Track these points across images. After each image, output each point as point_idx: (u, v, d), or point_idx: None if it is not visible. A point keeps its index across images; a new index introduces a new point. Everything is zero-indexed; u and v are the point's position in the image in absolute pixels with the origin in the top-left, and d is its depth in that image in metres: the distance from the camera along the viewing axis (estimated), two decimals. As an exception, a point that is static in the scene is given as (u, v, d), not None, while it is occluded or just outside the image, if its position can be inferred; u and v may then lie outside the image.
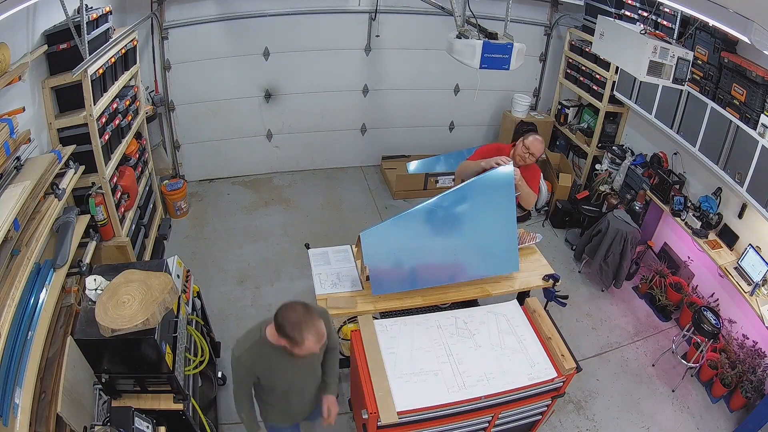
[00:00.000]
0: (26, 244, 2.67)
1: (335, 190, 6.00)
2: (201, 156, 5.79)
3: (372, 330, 2.94)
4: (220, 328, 3.96)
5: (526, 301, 3.20)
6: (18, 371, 2.25)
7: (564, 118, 6.07)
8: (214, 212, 5.49)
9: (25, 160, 2.88)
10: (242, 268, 4.73)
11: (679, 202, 4.40)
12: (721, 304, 4.16)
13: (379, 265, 3.13)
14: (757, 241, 3.84)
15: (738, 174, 3.74)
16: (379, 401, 2.53)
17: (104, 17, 3.60)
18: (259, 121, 5.80)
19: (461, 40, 3.19)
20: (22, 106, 2.94)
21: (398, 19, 5.50)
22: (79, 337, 2.37)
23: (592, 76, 5.44)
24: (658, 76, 3.45)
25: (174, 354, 2.60)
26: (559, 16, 5.93)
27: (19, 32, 2.95)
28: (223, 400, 3.50)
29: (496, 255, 3.33)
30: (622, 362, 4.06)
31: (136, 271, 2.55)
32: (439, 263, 3.24)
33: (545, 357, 2.83)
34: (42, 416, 2.33)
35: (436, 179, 5.83)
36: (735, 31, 2.58)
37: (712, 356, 3.85)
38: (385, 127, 6.28)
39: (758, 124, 3.50)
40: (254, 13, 5.11)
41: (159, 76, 5.13)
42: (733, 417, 3.69)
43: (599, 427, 3.54)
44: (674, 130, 4.40)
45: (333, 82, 5.75)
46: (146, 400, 2.59)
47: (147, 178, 4.71)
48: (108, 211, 3.64)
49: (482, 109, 6.36)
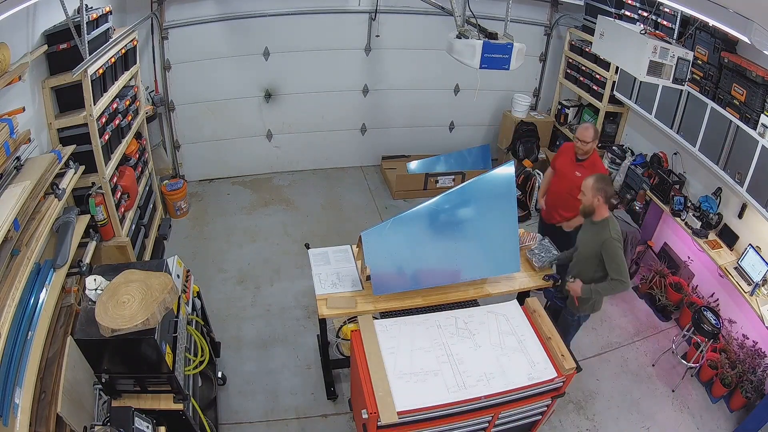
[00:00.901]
0: (26, 244, 2.67)
1: (335, 190, 6.00)
2: (201, 156, 5.80)
3: (372, 330, 2.94)
4: (220, 328, 3.97)
5: (526, 301, 3.20)
6: (18, 371, 2.25)
7: (564, 118, 6.07)
8: (214, 212, 5.49)
9: (25, 160, 2.88)
10: (242, 268, 4.73)
11: (679, 202, 4.39)
12: (721, 304, 4.16)
13: (380, 265, 3.13)
14: (757, 241, 3.83)
15: (738, 174, 3.74)
16: (379, 401, 2.53)
17: (104, 17, 3.61)
18: (259, 121, 5.80)
19: (461, 40, 3.20)
20: (22, 106, 2.94)
21: (398, 19, 5.51)
22: (79, 337, 2.36)
23: (592, 76, 5.44)
24: (658, 76, 3.46)
25: (174, 354, 2.60)
26: (559, 16, 5.94)
27: (19, 32, 2.95)
28: (223, 400, 3.51)
29: (497, 255, 3.33)
30: (622, 362, 4.06)
31: (136, 271, 2.55)
32: (440, 263, 3.24)
33: (545, 357, 2.83)
34: (42, 416, 2.33)
35: (436, 179, 5.83)
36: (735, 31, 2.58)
37: (712, 356, 3.84)
38: (385, 127, 6.28)
39: (758, 124, 3.50)
40: (254, 13, 5.12)
41: (159, 76, 5.13)
42: (733, 417, 3.69)
43: (599, 427, 3.54)
44: (674, 130, 4.40)
45: (333, 82, 5.75)
46: (146, 400, 2.59)
47: (147, 178, 4.71)
48: (108, 211, 3.64)
49: (482, 109, 6.36)
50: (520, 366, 2.78)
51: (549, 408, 2.95)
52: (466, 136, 6.51)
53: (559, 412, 3.55)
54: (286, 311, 4.28)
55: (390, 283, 3.18)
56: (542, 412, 2.96)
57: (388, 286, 3.18)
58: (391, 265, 3.16)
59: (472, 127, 6.52)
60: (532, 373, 2.75)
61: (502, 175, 3.24)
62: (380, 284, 3.15)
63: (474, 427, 2.77)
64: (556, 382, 2.79)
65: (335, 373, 3.71)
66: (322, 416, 3.48)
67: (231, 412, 3.45)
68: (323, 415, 3.48)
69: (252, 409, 3.49)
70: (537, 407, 2.89)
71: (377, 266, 3.13)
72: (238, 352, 3.88)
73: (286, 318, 4.22)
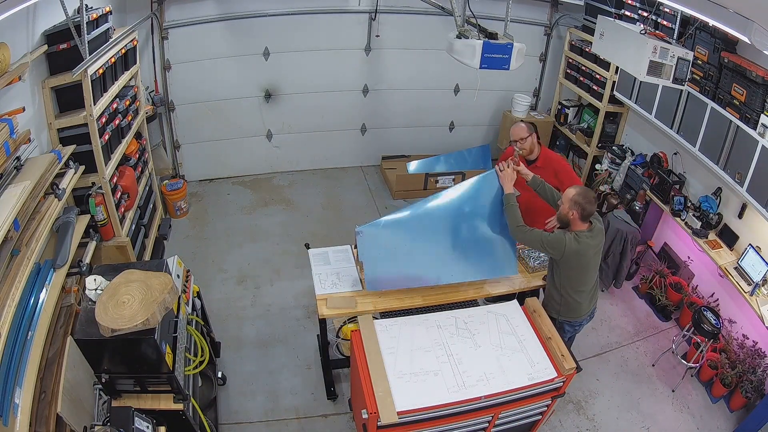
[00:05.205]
0: (26, 244, 2.67)
1: (335, 190, 6.00)
2: (201, 156, 5.80)
3: (372, 330, 2.94)
4: (220, 328, 3.97)
5: (526, 301, 3.20)
6: (18, 371, 2.25)
7: (564, 118, 6.07)
8: (214, 212, 5.49)
9: (25, 160, 2.88)
10: (242, 268, 4.73)
11: (679, 202, 4.39)
12: (721, 304, 4.16)
13: (374, 261, 3.13)
14: (757, 241, 3.83)
15: (738, 174, 3.74)
16: (379, 401, 2.53)
17: (104, 17, 3.61)
18: (259, 121, 5.80)
19: (461, 40, 3.20)
20: (22, 106, 2.94)
21: (398, 19, 5.51)
22: (79, 337, 2.37)
23: (592, 76, 5.43)
24: (658, 76, 3.45)
25: (174, 354, 2.60)
26: (559, 16, 5.94)
27: (19, 32, 2.95)
28: (223, 400, 3.51)
29: (493, 257, 3.32)
30: (622, 362, 4.06)
31: (136, 271, 2.55)
32: (435, 262, 3.24)
33: (545, 357, 2.83)
34: (42, 416, 2.33)
35: (436, 179, 5.83)
36: (735, 31, 2.58)
37: (712, 356, 3.84)
38: (385, 127, 6.28)
39: (758, 124, 3.50)
40: (254, 13, 5.12)
41: (159, 76, 5.13)
42: (733, 417, 3.69)
43: (599, 427, 3.54)
44: (674, 130, 4.39)
45: (333, 82, 5.75)
46: (146, 400, 2.59)
47: (147, 178, 4.71)
48: (108, 211, 3.64)
49: (482, 109, 6.36)
50: (520, 366, 2.78)
51: (549, 408, 2.95)
52: (466, 136, 6.51)
53: (559, 412, 3.55)
54: (286, 311, 4.28)
55: (383, 279, 3.18)
56: (542, 412, 2.95)
57: (381, 282, 3.18)
58: (384, 262, 3.16)
59: (472, 127, 6.52)
60: (532, 373, 2.75)
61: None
62: (373, 280, 3.15)
63: (474, 427, 2.77)
64: (556, 382, 2.79)
65: (335, 373, 3.71)
66: (322, 416, 3.48)
67: (231, 412, 3.45)
68: (323, 415, 3.48)
69: (252, 409, 3.49)
70: (537, 407, 2.89)
71: (371, 262, 3.13)
72: (238, 352, 3.88)
73: (286, 318, 4.22)
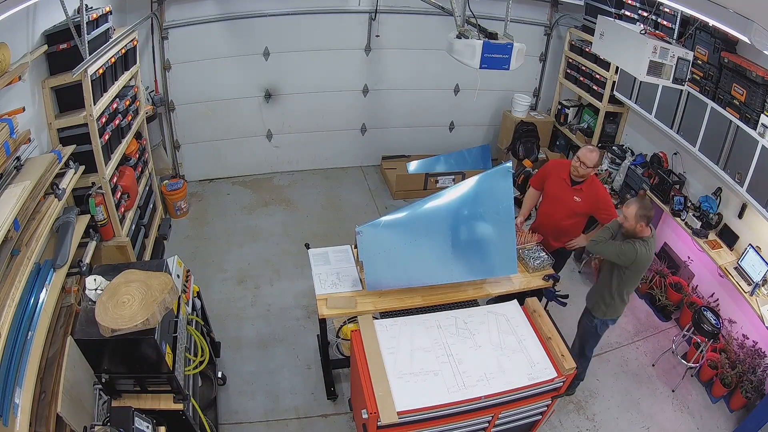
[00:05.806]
0: (26, 244, 2.67)
1: (335, 190, 6.00)
2: (201, 156, 5.79)
3: (372, 330, 2.94)
4: (220, 328, 3.96)
5: (526, 301, 3.20)
6: (18, 371, 2.25)
7: (564, 118, 6.07)
8: (214, 212, 5.49)
9: (25, 160, 2.88)
10: (242, 268, 4.73)
11: (679, 202, 4.39)
12: (721, 304, 4.16)
13: (374, 260, 3.13)
14: (757, 241, 3.83)
15: (738, 174, 3.74)
16: (379, 401, 2.53)
17: (104, 17, 3.61)
18: (259, 121, 5.80)
19: (461, 40, 3.19)
20: (22, 106, 2.94)
21: (398, 19, 5.51)
22: (79, 337, 2.37)
23: (592, 76, 5.43)
24: (658, 76, 3.45)
25: (174, 354, 2.60)
26: (559, 16, 5.94)
27: (19, 32, 2.95)
28: (223, 400, 3.51)
29: (493, 256, 3.32)
30: (622, 362, 4.06)
31: (136, 271, 2.55)
32: (435, 262, 3.23)
33: (545, 357, 2.83)
34: (42, 416, 2.33)
35: (436, 179, 5.83)
36: (735, 31, 2.58)
37: (712, 356, 3.85)
38: (385, 127, 6.28)
39: (758, 124, 3.50)
40: (254, 13, 5.12)
41: (159, 76, 5.13)
42: (733, 417, 3.69)
43: (599, 427, 3.55)
44: (674, 130, 4.39)
45: (333, 82, 5.75)
46: (146, 400, 2.59)
47: (147, 178, 4.71)
48: (108, 211, 3.64)
49: (482, 109, 6.36)
50: (520, 366, 2.78)
51: (549, 408, 2.95)
52: (466, 136, 6.51)
53: (559, 412, 3.55)
54: (286, 311, 4.28)
55: (383, 279, 3.17)
56: (542, 412, 2.95)
57: (381, 282, 3.17)
58: (385, 261, 3.16)
59: (472, 127, 6.52)
60: (532, 373, 2.75)
61: (499, 174, 3.24)
62: (374, 279, 3.15)
63: (474, 427, 2.77)
64: (556, 382, 2.79)
65: (335, 373, 3.71)
66: (322, 416, 3.48)
67: (231, 412, 3.45)
68: (323, 415, 3.48)
69: (252, 409, 3.49)
70: (537, 407, 2.89)
71: (371, 261, 3.13)
72: (238, 352, 3.88)
73: (286, 318, 4.22)
